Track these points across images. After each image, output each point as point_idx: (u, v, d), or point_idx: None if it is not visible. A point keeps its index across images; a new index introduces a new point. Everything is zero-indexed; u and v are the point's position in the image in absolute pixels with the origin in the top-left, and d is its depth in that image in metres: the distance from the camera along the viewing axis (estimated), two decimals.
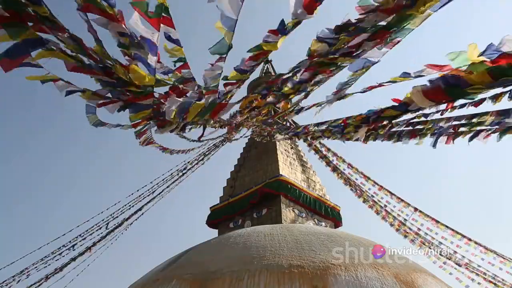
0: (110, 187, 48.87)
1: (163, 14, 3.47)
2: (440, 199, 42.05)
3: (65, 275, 13.88)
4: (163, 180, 16.45)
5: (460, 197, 45.32)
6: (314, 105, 7.32)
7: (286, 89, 5.50)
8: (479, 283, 14.12)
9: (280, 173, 15.19)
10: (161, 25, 3.54)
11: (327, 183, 19.15)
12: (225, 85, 4.78)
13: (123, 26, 3.43)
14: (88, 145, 46.84)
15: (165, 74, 4.37)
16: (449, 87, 4.15)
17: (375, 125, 6.00)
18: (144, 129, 6.34)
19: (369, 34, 4.05)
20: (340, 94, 5.82)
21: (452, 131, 6.16)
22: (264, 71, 21.65)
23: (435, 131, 6.37)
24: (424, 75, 4.47)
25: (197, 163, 17.78)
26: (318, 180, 17.00)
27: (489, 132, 5.74)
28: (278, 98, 5.91)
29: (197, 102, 4.81)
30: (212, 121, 6.72)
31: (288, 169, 16.01)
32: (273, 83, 5.59)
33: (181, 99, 4.68)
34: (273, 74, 20.96)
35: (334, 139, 7.88)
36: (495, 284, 13.80)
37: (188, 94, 4.68)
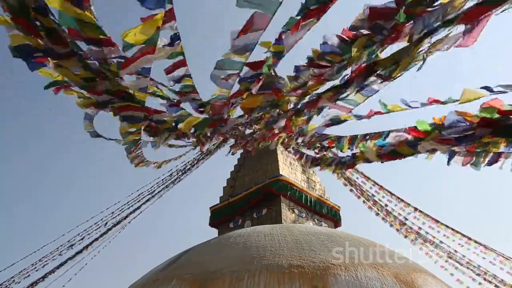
0: (110, 187, 48.89)
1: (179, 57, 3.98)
2: (440, 199, 42.06)
3: (63, 274, 13.87)
4: (162, 180, 16.43)
5: (460, 197, 45.33)
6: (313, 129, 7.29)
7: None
8: (480, 283, 14.11)
9: (280, 173, 15.17)
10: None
11: (327, 183, 19.13)
12: (232, 97, 4.82)
13: (119, 49, 3.60)
14: (88, 146, 46.85)
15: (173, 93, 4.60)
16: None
17: (388, 159, 5.86)
18: (137, 145, 6.40)
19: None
20: (335, 119, 5.83)
21: (466, 151, 6.04)
22: None
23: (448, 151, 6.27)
24: (420, 107, 4.52)
25: (197, 163, 17.76)
26: (318, 180, 16.98)
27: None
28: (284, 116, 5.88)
29: (193, 116, 4.97)
30: (211, 134, 6.76)
31: (288, 169, 16.00)
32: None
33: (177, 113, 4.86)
34: (274, 74, 20.88)
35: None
36: (496, 285, 13.78)
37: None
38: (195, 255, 10.88)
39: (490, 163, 5.95)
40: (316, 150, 9.42)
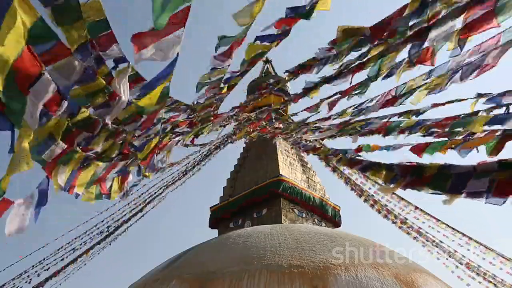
0: None
1: None
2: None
3: (63, 277, 13.87)
4: (163, 180, 16.39)
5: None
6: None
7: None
8: (479, 282, 14.11)
9: (280, 173, 15.16)
10: None
11: (327, 183, 19.13)
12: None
13: None
14: None
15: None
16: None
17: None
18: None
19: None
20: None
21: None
22: (264, 71, 21.53)
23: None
24: None
25: (198, 164, 17.74)
26: (318, 180, 16.97)
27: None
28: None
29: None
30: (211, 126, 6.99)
31: (288, 169, 15.98)
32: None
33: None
34: (273, 74, 20.87)
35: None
36: (494, 284, 13.79)
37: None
38: (195, 255, 10.89)
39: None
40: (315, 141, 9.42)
